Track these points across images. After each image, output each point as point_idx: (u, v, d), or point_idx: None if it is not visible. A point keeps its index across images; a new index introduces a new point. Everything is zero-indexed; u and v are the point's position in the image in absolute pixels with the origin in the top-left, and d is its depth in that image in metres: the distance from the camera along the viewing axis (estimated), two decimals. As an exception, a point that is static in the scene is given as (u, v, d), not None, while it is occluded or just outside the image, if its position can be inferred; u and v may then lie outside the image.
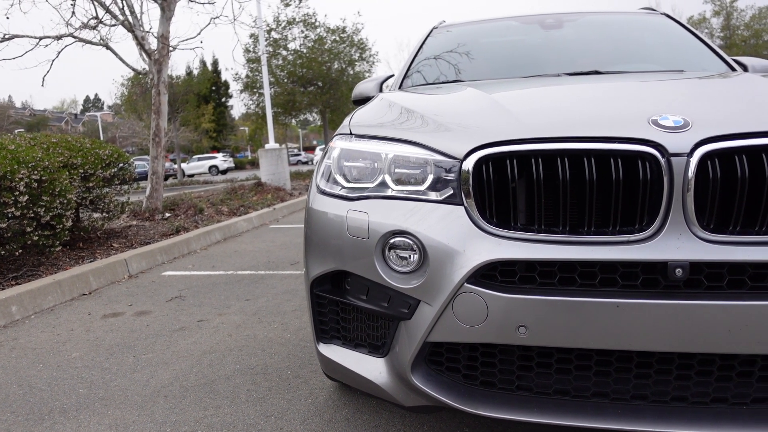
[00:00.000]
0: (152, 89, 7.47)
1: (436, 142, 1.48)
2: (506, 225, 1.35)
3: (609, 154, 1.28)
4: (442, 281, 1.37)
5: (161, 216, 7.34)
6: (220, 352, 2.70)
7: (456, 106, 1.71)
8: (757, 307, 1.20)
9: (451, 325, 1.38)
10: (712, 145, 1.23)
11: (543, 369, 1.42)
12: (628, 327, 1.26)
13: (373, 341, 1.63)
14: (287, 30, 18.41)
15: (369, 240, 1.50)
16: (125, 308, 3.64)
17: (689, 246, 1.24)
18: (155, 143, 7.59)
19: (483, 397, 1.45)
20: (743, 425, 1.30)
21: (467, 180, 1.38)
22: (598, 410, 1.37)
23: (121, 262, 4.62)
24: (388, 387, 1.57)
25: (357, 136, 1.70)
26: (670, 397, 1.35)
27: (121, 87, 27.49)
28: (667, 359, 1.34)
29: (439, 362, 1.50)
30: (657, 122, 1.29)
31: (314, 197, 1.73)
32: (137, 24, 7.25)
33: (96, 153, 5.57)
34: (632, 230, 1.28)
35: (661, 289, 1.27)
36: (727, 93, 1.59)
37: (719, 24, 26.23)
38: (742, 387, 1.33)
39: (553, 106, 1.56)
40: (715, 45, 2.93)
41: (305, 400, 2.14)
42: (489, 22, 3.40)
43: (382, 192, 1.55)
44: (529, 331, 1.31)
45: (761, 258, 1.21)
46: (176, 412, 2.10)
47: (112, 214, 5.92)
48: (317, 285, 1.70)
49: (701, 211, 1.25)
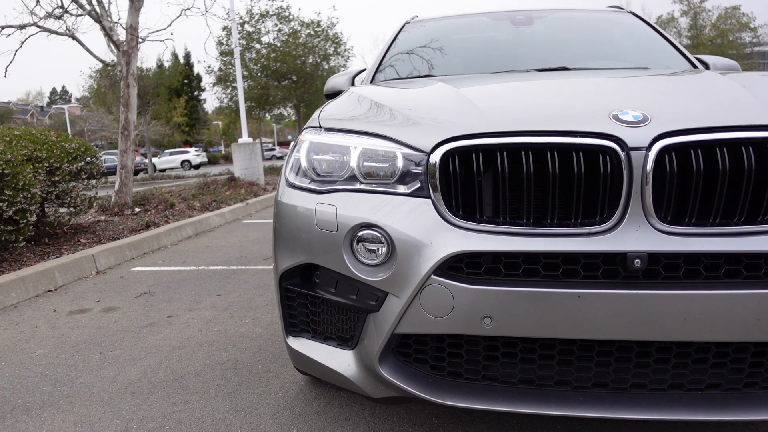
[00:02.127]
0: (121, 81, 7.30)
1: (404, 136, 1.49)
2: (472, 217, 1.37)
3: (571, 147, 1.31)
4: (410, 273, 1.38)
5: (131, 211, 7.20)
6: (189, 348, 2.67)
7: (425, 101, 1.72)
8: (710, 296, 1.25)
9: (418, 317, 1.39)
10: (669, 140, 1.27)
11: (508, 359, 1.44)
12: (589, 316, 1.29)
13: (341, 334, 1.64)
14: (261, 23, 18.19)
15: (337, 233, 1.50)
16: (92, 304, 3.57)
17: (647, 237, 1.28)
18: (124, 137, 7.43)
19: (450, 388, 1.47)
20: (698, 410, 1.35)
21: (434, 173, 1.39)
22: (560, 398, 1.40)
23: (89, 258, 4.52)
24: (357, 379, 1.58)
25: (326, 129, 1.70)
26: (630, 384, 1.40)
27: (89, 79, 26.78)
28: (627, 348, 1.38)
29: (407, 354, 1.51)
30: (618, 117, 1.32)
31: (283, 190, 1.72)
32: (105, 14, 7.07)
33: (62, 146, 5.43)
34: (593, 222, 1.31)
35: (621, 279, 1.30)
36: (686, 90, 1.64)
37: (687, 24, 26.89)
38: (697, 373, 1.38)
39: (518, 101, 1.58)
40: (680, 44, 3.00)
41: (276, 394, 2.14)
42: (461, 17, 3.43)
43: (351, 185, 1.55)
44: (494, 321, 1.33)
45: (715, 249, 1.26)
46: (144, 408, 2.07)
47: (79, 209, 5.78)
48: (286, 278, 1.70)
49: (659, 203, 1.28)
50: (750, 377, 1.38)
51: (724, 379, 1.38)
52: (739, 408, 1.35)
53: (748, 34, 26.02)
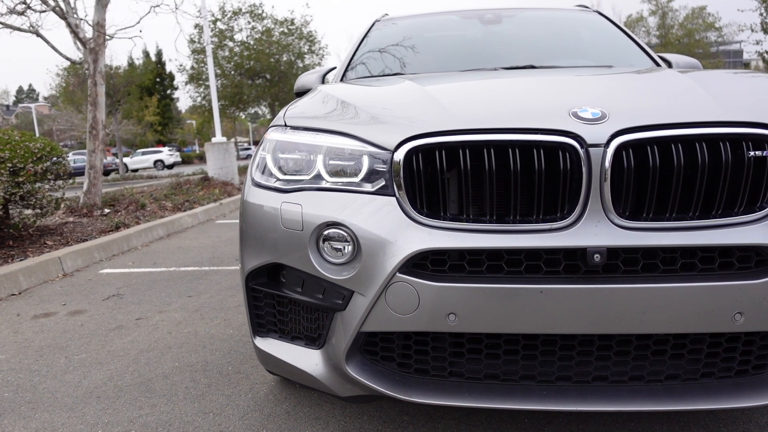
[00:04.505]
0: (88, 80, 7.14)
1: (369, 134, 1.49)
2: (436, 215, 1.38)
3: (532, 144, 1.32)
4: (375, 272, 1.38)
5: (100, 212, 7.05)
6: (158, 350, 2.63)
7: (390, 99, 1.72)
8: (667, 289, 1.28)
9: (384, 315, 1.39)
10: (626, 136, 1.29)
11: (473, 355, 1.46)
12: (551, 311, 1.31)
13: (309, 333, 1.63)
14: (233, 21, 17.97)
15: (303, 232, 1.49)
16: (58, 308, 3.48)
17: (606, 232, 1.30)
18: (92, 136, 7.26)
19: (417, 385, 1.47)
20: (658, 400, 1.38)
21: (398, 171, 1.39)
22: (525, 392, 1.42)
23: (55, 260, 4.41)
24: (325, 378, 1.58)
25: (292, 127, 1.69)
26: (592, 377, 1.42)
27: (57, 77, 26.09)
28: (588, 341, 1.40)
29: (374, 352, 1.51)
30: (577, 114, 1.34)
31: (249, 190, 1.70)
32: (70, 11, 6.90)
33: (26, 146, 5.28)
34: (554, 218, 1.33)
35: (582, 274, 1.33)
36: (645, 87, 1.67)
37: (655, 23, 27.48)
38: (656, 365, 1.42)
39: (482, 98, 1.60)
40: (643, 42, 3.07)
41: (245, 396, 2.12)
42: (431, 16, 3.44)
43: (316, 184, 1.54)
44: (458, 318, 1.34)
45: (671, 243, 1.29)
46: (109, 412, 2.03)
47: (45, 210, 5.62)
48: (253, 278, 1.68)
49: (618, 199, 1.31)
50: (707, 367, 1.42)
51: (682, 369, 1.42)
52: (697, 397, 1.38)
53: (714, 34, 26.74)
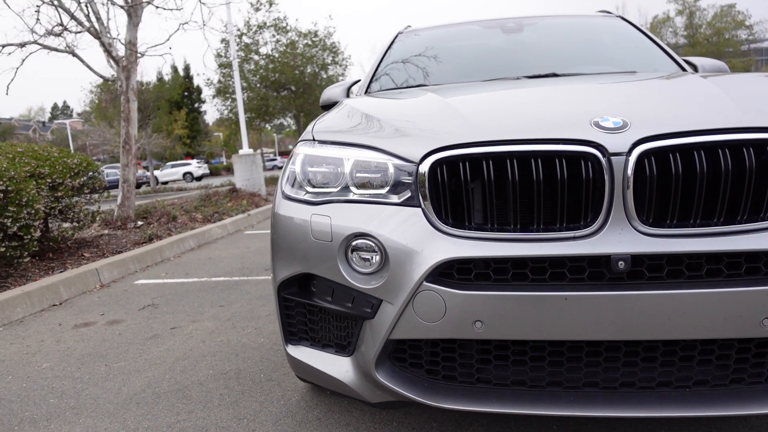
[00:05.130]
0: (121, 96, 7.39)
1: (394, 147, 1.54)
2: (461, 225, 1.42)
3: (554, 154, 1.35)
4: (403, 281, 1.42)
5: (133, 224, 7.26)
6: (193, 359, 2.71)
7: (414, 111, 1.77)
8: (692, 295, 1.29)
9: (412, 323, 1.43)
10: (648, 144, 1.31)
11: (500, 361, 1.48)
12: (576, 318, 1.33)
13: (339, 341, 1.68)
14: (258, 34, 18.33)
15: (332, 243, 1.55)
16: (97, 318, 3.62)
17: (630, 240, 1.32)
18: (125, 151, 7.50)
19: (445, 391, 1.51)
20: (686, 407, 1.38)
21: (423, 183, 1.44)
22: (552, 398, 1.44)
23: (93, 272, 4.58)
24: (355, 385, 1.62)
25: (320, 142, 1.75)
26: (619, 383, 1.43)
27: (90, 94, 26.96)
28: (615, 347, 1.42)
29: (402, 359, 1.55)
30: (598, 123, 1.37)
31: (280, 202, 1.77)
32: (104, 30, 7.17)
33: (64, 162, 5.50)
34: (578, 226, 1.35)
35: (606, 281, 1.34)
36: (667, 94, 1.68)
37: (683, 23, 26.99)
38: (684, 371, 1.42)
39: (504, 109, 1.63)
40: (667, 46, 3.05)
41: (278, 402, 2.18)
42: (452, 26, 3.49)
43: (344, 196, 1.60)
44: (484, 325, 1.37)
45: (695, 249, 1.30)
46: (148, 418, 2.11)
47: (82, 223, 5.84)
48: (284, 288, 1.74)
49: (641, 206, 1.33)
50: (736, 373, 1.42)
51: (710, 375, 1.42)
52: (727, 403, 1.38)
53: (744, 32, 26.11)
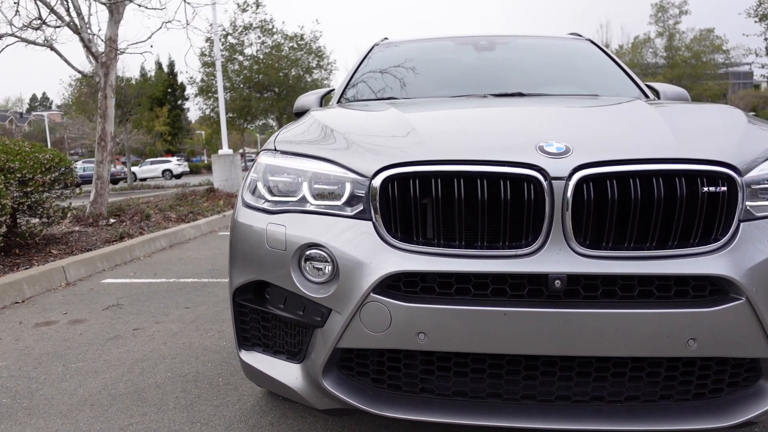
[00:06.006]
0: (99, 93, 7.32)
1: (350, 161, 1.59)
2: (410, 239, 1.47)
3: (499, 176, 1.41)
4: (351, 291, 1.47)
5: (105, 222, 7.19)
6: (152, 361, 2.71)
7: (373, 126, 1.82)
8: (624, 315, 1.36)
9: (358, 333, 1.48)
10: (587, 171, 1.38)
11: (443, 372, 1.53)
12: (514, 333, 1.39)
13: (290, 348, 1.71)
14: (244, 35, 18.30)
15: (286, 252, 1.58)
16: (59, 317, 3.59)
17: (567, 260, 1.38)
18: (101, 147, 7.43)
19: (390, 400, 1.55)
20: (618, 421, 1.45)
21: (375, 197, 1.48)
22: (492, 409, 1.49)
23: (58, 270, 4.52)
24: (303, 391, 1.66)
25: (281, 152, 1.79)
26: (555, 396, 1.49)
27: (70, 87, 26.55)
28: (551, 362, 1.48)
29: (350, 367, 1.59)
30: (543, 148, 1.43)
31: (239, 210, 1.80)
32: (84, 26, 7.10)
33: (35, 157, 5.43)
34: (520, 245, 1.41)
35: (544, 298, 1.40)
36: (614, 121, 1.76)
37: (663, 44, 27.66)
38: (616, 386, 1.48)
39: (459, 128, 1.69)
40: (632, 71, 3.16)
41: (233, 407, 2.19)
42: (428, 41, 3.56)
43: (302, 206, 1.64)
44: (427, 337, 1.42)
45: (628, 271, 1.37)
46: (101, 420, 2.11)
47: (51, 219, 5.76)
48: (239, 294, 1.77)
49: (578, 228, 1.39)
50: (665, 390, 1.49)
51: (641, 391, 1.49)
52: (656, 418, 1.45)
53: (721, 56, 26.86)
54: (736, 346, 1.39)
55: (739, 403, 1.48)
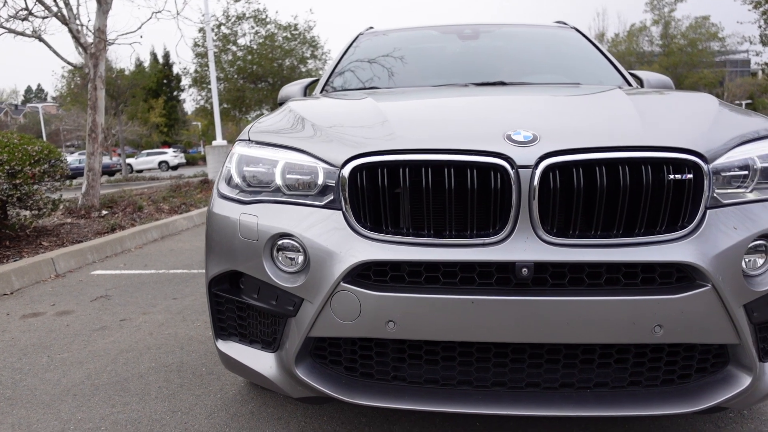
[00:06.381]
0: (89, 84, 7.28)
1: (321, 151, 1.59)
2: (379, 229, 1.47)
3: (466, 165, 1.41)
4: (322, 281, 1.48)
5: (98, 213, 7.17)
6: (137, 351, 2.73)
7: (347, 116, 1.82)
8: (591, 302, 1.37)
9: (329, 322, 1.49)
10: (553, 159, 1.38)
11: (414, 360, 1.55)
12: (482, 321, 1.40)
13: (265, 337, 1.72)
14: (237, 25, 18.16)
15: (258, 242, 1.59)
16: (47, 308, 3.59)
17: (534, 248, 1.39)
18: (92, 139, 7.40)
19: (362, 388, 1.56)
20: (587, 406, 1.46)
21: (344, 187, 1.49)
22: (463, 397, 1.51)
23: (48, 261, 4.53)
24: (278, 380, 1.67)
25: (256, 142, 1.78)
26: (525, 383, 1.51)
27: (62, 79, 26.34)
28: (520, 349, 1.49)
29: (323, 356, 1.61)
30: (510, 137, 1.44)
31: (214, 200, 1.81)
32: (72, 17, 7.05)
33: (24, 149, 5.41)
34: (488, 234, 1.42)
35: (512, 286, 1.41)
36: (586, 109, 1.76)
37: (658, 32, 27.54)
38: (585, 373, 1.50)
39: (430, 118, 1.69)
40: (615, 60, 3.15)
41: (214, 396, 2.21)
42: (412, 30, 3.54)
43: (275, 197, 1.64)
44: (396, 326, 1.43)
45: (595, 259, 1.38)
46: (83, 410, 2.13)
47: (42, 211, 5.75)
48: (215, 284, 1.78)
49: (545, 217, 1.40)
50: (633, 376, 1.50)
51: (610, 378, 1.50)
52: (624, 404, 1.47)
53: (716, 44, 26.77)
54: (702, 332, 1.40)
55: (707, 388, 1.50)
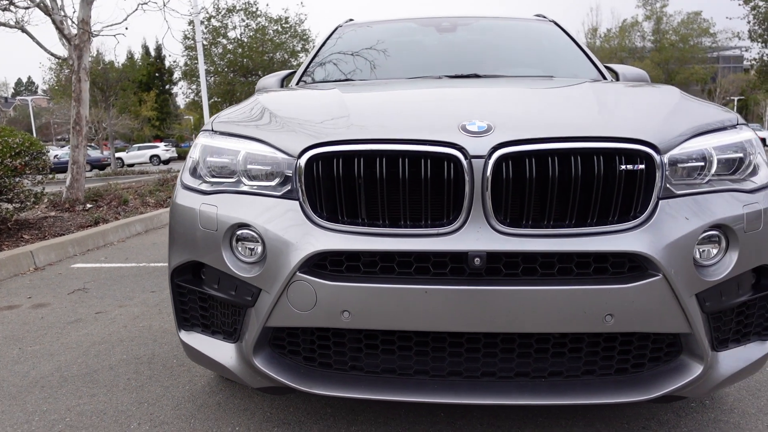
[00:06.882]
0: (72, 76, 7.22)
1: (279, 141, 1.58)
2: (335, 219, 1.47)
3: (420, 155, 1.41)
4: (278, 271, 1.48)
5: (82, 207, 7.13)
6: (110, 343, 2.72)
7: (309, 107, 1.82)
8: (541, 292, 1.37)
9: (286, 311, 1.49)
10: (506, 149, 1.39)
11: (371, 350, 1.55)
12: (435, 310, 1.40)
13: (227, 328, 1.72)
14: (227, 18, 18.05)
15: (217, 232, 1.59)
16: (23, 301, 3.57)
17: (487, 238, 1.39)
18: (76, 132, 7.34)
19: (321, 378, 1.57)
20: (542, 395, 1.48)
21: (301, 177, 1.49)
22: (419, 386, 1.52)
23: (27, 254, 4.50)
24: (238, 370, 1.67)
25: (219, 132, 1.78)
26: (481, 373, 1.52)
27: (50, 71, 26.09)
28: (475, 339, 1.50)
29: (282, 346, 1.61)
30: (465, 127, 1.44)
31: (177, 191, 1.80)
32: (55, 7, 6.97)
33: (5, 141, 5.37)
34: (442, 224, 1.42)
35: (466, 276, 1.42)
36: (546, 100, 1.77)
37: (650, 28, 27.58)
38: (539, 362, 1.51)
39: (390, 109, 1.69)
40: (592, 53, 3.15)
41: (183, 387, 2.21)
42: (391, 22, 3.53)
43: (236, 187, 1.64)
44: (351, 315, 1.44)
45: (547, 248, 1.38)
46: (50, 401, 2.12)
47: (23, 204, 5.71)
48: (177, 275, 1.77)
49: (498, 206, 1.40)
50: (588, 365, 1.52)
51: (564, 367, 1.52)
52: (579, 393, 1.48)
53: (708, 39, 26.86)
54: (653, 321, 1.42)
55: (660, 377, 1.51)
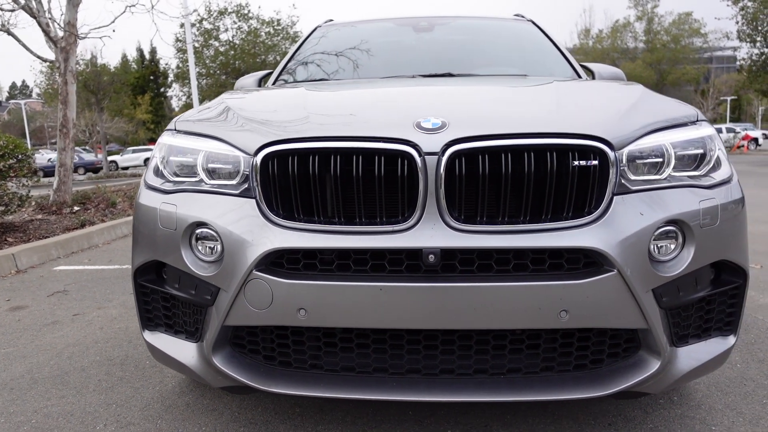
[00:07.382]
0: (59, 78, 7.19)
1: (237, 139, 1.58)
2: (291, 217, 1.47)
3: (374, 152, 1.41)
4: (235, 269, 1.47)
5: (69, 210, 7.10)
6: (84, 345, 2.71)
7: (271, 106, 1.82)
8: (496, 288, 1.37)
9: (243, 310, 1.49)
10: (459, 146, 1.39)
11: (330, 348, 1.55)
12: (390, 307, 1.40)
13: (189, 327, 1.71)
14: (219, 20, 18.03)
15: (176, 231, 1.58)
16: (1, 303, 3.55)
17: (441, 235, 1.39)
18: (63, 134, 7.32)
19: (281, 376, 1.57)
20: (501, 392, 1.48)
21: (257, 174, 1.49)
22: (378, 384, 1.52)
23: (8, 257, 4.47)
24: (199, 370, 1.66)
25: (183, 132, 1.77)
26: (439, 370, 1.52)
27: (41, 74, 26.01)
28: (433, 336, 1.50)
29: (242, 345, 1.61)
30: (419, 124, 1.44)
31: (141, 191, 1.79)
32: (41, 10, 6.95)
33: (-12, 144, 5.35)
34: (397, 221, 1.42)
35: (421, 273, 1.42)
36: (506, 97, 1.77)
37: (642, 28, 27.69)
38: (497, 359, 1.51)
39: (349, 107, 1.69)
40: (568, 53, 3.16)
41: (153, 388, 2.20)
42: (370, 22, 3.53)
43: (198, 186, 1.63)
44: (308, 313, 1.43)
45: (501, 245, 1.39)
46: (17, 403, 2.11)
47: (8, 207, 5.69)
48: (140, 275, 1.76)
49: (452, 203, 1.40)
50: (546, 362, 1.52)
51: (522, 363, 1.52)
52: (537, 389, 1.48)
53: (699, 40, 26.97)
54: (609, 317, 1.42)
55: (618, 373, 1.52)
